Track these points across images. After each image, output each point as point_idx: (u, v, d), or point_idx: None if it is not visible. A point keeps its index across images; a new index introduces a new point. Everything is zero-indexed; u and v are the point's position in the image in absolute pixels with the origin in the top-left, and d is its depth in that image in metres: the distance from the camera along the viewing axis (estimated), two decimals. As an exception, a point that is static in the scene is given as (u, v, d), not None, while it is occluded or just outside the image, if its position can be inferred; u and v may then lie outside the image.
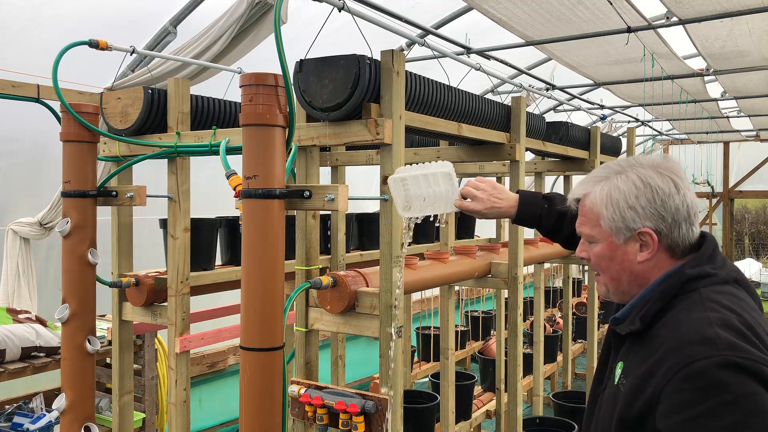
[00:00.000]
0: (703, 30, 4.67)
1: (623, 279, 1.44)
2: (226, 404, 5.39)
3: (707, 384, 1.19)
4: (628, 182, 1.41)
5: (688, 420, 1.19)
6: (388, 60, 2.18)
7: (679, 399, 1.21)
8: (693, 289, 1.35)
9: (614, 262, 1.44)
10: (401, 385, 2.20)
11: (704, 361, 1.20)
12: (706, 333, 1.24)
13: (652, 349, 1.30)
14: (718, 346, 1.21)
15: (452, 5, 5.04)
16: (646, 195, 1.39)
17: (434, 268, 2.84)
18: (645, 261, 1.41)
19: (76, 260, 2.72)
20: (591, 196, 1.45)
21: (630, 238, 1.41)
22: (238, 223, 3.15)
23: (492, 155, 3.25)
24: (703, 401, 1.18)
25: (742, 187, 11.42)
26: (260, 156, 1.99)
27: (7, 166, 4.08)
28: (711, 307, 1.29)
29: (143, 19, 4.08)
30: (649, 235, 1.39)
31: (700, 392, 1.19)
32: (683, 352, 1.23)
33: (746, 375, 1.18)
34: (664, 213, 1.39)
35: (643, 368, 1.30)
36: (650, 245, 1.40)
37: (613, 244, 1.43)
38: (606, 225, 1.42)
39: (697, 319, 1.28)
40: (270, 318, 1.99)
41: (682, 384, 1.21)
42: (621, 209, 1.40)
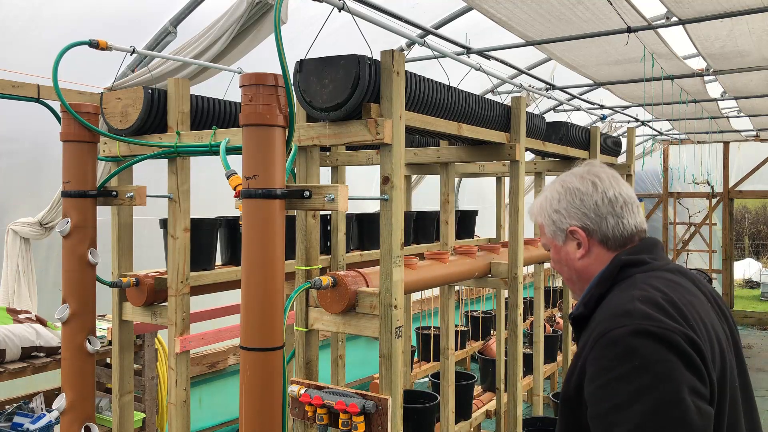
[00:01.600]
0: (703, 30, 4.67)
1: (573, 278, 1.59)
2: (226, 404, 5.39)
3: (620, 351, 1.27)
4: (552, 190, 1.59)
5: (602, 386, 1.28)
6: (388, 60, 2.18)
7: (596, 366, 1.31)
8: (629, 275, 1.46)
9: (562, 263, 1.60)
10: (401, 385, 2.20)
11: (619, 330, 1.29)
12: (626, 307, 1.34)
13: (589, 330, 1.42)
14: (633, 316, 1.31)
15: (452, 5, 5.04)
16: (566, 197, 1.55)
17: (434, 268, 2.84)
18: (583, 257, 1.55)
19: (76, 260, 2.72)
20: (531, 210, 1.65)
21: (566, 239, 1.57)
22: (238, 223, 3.15)
23: (492, 155, 3.25)
24: (616, 367, 1.27)
25: (742, 187, 11.42)
26: (260, 156, 1.99)
27: (7, 166, 4.07)
28: (640, 287, 1.40)
29: (143, 19, 4.07)
30: (578, 232, 1.54)
31: (614, 359, 1.28)
32: (603, 324, 1.34)
33: (657, 342, 1.26)
34: (586, 210, 1.53)
35: (578, 349, 1.43)
36: (583, 241, 1.54)
37: (557, 247, 1.60)
38: (547, 231, 1.60)
39: (623, 297, 1.39)
40: (270, 318, 1.99)
41: (600, 352, 1.31)
42: (549, 214, 1.58)
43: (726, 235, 11.59)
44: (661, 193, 12.07)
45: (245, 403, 1.99)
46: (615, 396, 1.25)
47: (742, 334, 10.45)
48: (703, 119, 8.54)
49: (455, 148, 3.39)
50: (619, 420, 1.23)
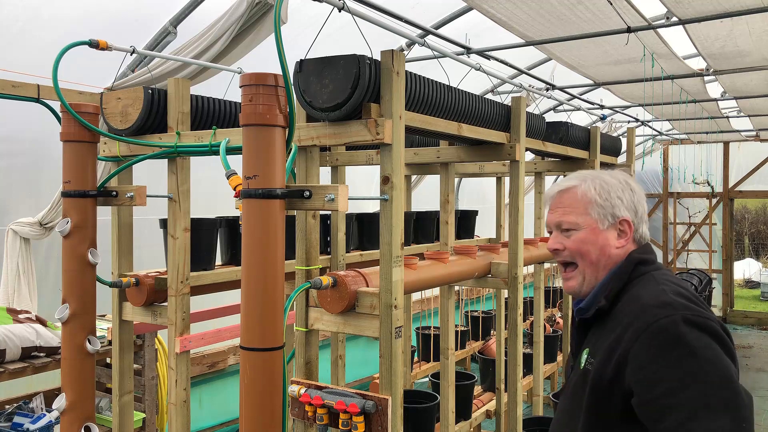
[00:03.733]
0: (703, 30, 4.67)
1: (601, 263, 1.63)
2: (226, 404, 5.39)
3: (669, 339, 1.37)
4: (612, 180, 1.66)
5: (655, 371, 1.36)
6: (388, 60, 2.18)
7: (646, 354, 1.38)
8: (645, 272, 1.58)
9: (596, 246, 1.62)
10: (401, 385, 2.20)
11: (665, 320, 1.39)
12: (664, 299, 1.45)
13: (616, 323, 1.49)
14: (676, 307, 1.41)
15: (452, 5, 5.04)
16: (626, 191, 1.65)
17: (434, 268, 2.84)
18: (620, 247, 1.63)
19: (76, 260, 2.72)
20: (582, 187, 1.65)
21: (611, 226, 1.63)
22: (238, 223, 3.15)
23: (492, 155, 3.25)
24: (666, 355, 1.36)
25: (742, 187, 11.42)
26: (260, 156, 1.99)
27: (7, 166, 4.07)
28: (664, 282, 1.53)
29: (143, 19, 4.07)
30: (628, 223, 1.63)
31: (664, 347, 1.37)
32: (646, 315, 1.43)
33: (700, 330, 1.37)
34: (637, 209, 1.65)
35: (608, 341, 1.48)
36: (627, 233, 1.63)
37: (596, 230, 1.63)
38: (595, 212, 1.63)
39: (654, 290, 1.50)
40: (270, 318, 1.99)
41: (649, 341, 1.39)
42: (612, 198, 1.63)
43: (726, 235, 11.58)
44: (661, 193, 12.07)
45: (245, 403, 1.99)
46: (668, 381, 1.33)
47: (742, 334, 10.45)
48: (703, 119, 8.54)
49: (455, 148, 3.39)
50: (673, 403, 1.32)
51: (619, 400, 1.43)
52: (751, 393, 1.39)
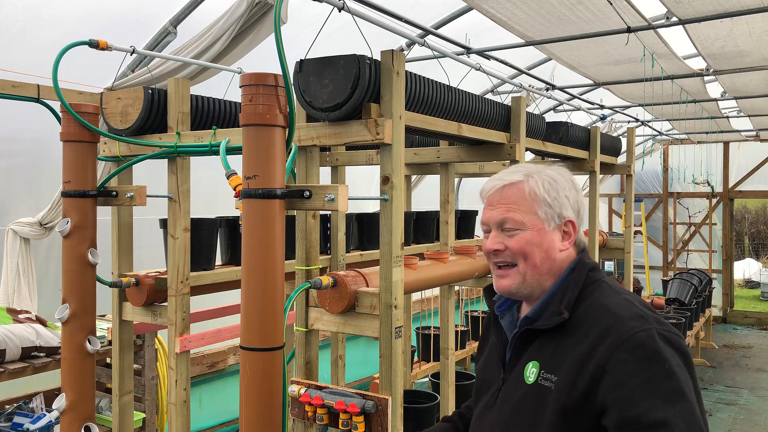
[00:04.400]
0: (702, 30, 4.67)
1: (544, 267, 1.49)
2: (226, 404, 5.39)
3: (648, 353, 1.29)
4: (559, 176, 1.52)
5: (637, 386, 1.27)
6: (388, 60, 2.18)
7: (626, 369, 1.28)
8: (596, 279, 1.48)
9: (541, 248, 1.48)
10: (401, 385, 2.20)
11: (641, 334, 1.31)
12: (635, 310, 1.37)
13: (581, 335, 1.37)
14: (648, 321, 1.34)
15: (452, 5, 5.04)
16: (572, 190, 1.53)
17: (434, 268, 2.84)
18: (564, 250, 1.51)
19: (76, 260, 2.72)
20: (529, 183, 1.50)
21: (557, 227, 1.50)
22: (238, 223, 3.15)
23: (492, 155, 3.25)
24: (647, 369, 1.28)
25: (742, 187, 11.42)
26: (260, 156, 1.99)
27: (7, 166, 4.07)
28: (621, 291, 1.45)
29: (143, 19, 4.07)
30: (572, 224, 1.51)
31: (644, 361, 1.28)
32: (621, 327, 1.33)
33: (672, 347, 1.31)
34: (579, 209, 1.53)
35: (576, 355, 1.35)
36: (571, 235, 1.51)
37: (543, 231, 1.49)
38: (542, 211, 1.49)
39: (620, 300, 1.41)
40: (270, 318, 1.99)
41: (626, 356, 1.29)
42: (560, 197, 1.49)
43: (726, 235, 11.58)
44: (661, 193, 12.07)
45: (245, 403, 1.99)
46: (650, 397, 1.25)
47: (742, 334, 10.45)
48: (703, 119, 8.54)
49: (455, 148, 3.39)
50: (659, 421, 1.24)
51: (589, 418, 1.31)
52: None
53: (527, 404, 1.41)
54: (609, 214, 12.41)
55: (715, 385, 7.43)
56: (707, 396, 6.97)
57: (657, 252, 12.13)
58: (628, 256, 5.35)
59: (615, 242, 5.43)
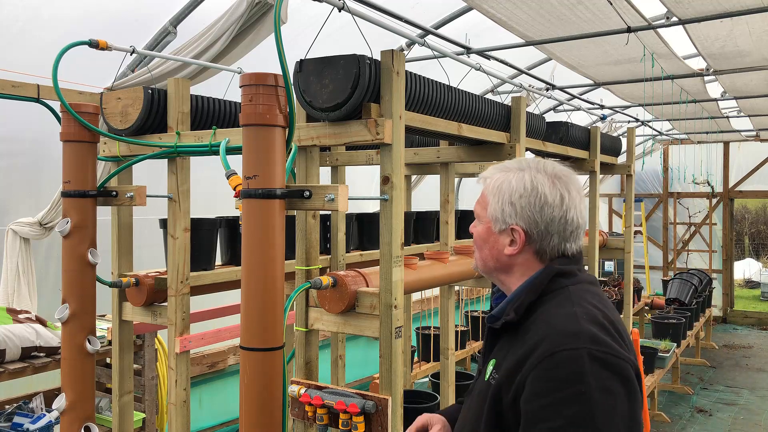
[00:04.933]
0: (703, 30, 4.67)
1: (490, 263, 1.53)
2: (226, 404, 5.39)
3: (566, 374, 1.24)
4: (520, 181, 1.48)
5: (544, 406, 1.24)
6: (388, 60, 2.18)
7: (539, 386, 1.26)
8: (562, 286, 1.43)
9: (487, 245, 1.53)
10: (401, 385, 2.20)
11: (566, 353, 1.26)
12: (572, 327, 1.30)
13: (523, 341, 1.36)
14: (581, 339, 1.27)
15: (452, 5, 5.04)
16: (529, 198, 1.45)
17: (434, 268, 2.84)
18: (512, 255, 1.49)
19: (76, 260, 2.72)
20: (489, 182, 1.53)
21: (504, 231, 1.49)
22: (238, 223, 3.15)
23: (492, 155, 3.25)
24: (559, 390, 1.24)
25: (742, 187, 11.42)
26: (260, 156, 1.99)
27: (7, 166, 4.07)
28: (578, 303, 1.37)
29: (143, 19, 4.07)
30: (518, 233, 1.47)
31: (558, 381, 1.24)
32: (549, 342, 1.29)
33: (604, 368, 1.25)
34: (539, 220, 1.45)
35: (513, 361, 1.35)
36: (517, 243, 1.48)
37: (490, 230, 1.52)
38: (489, 211, 1.51)
39: (565, 313, 1.35)
40: (270, 318, 1.99)
41: (543, 373, 1.26)
42: (503, 202, 1.48)
43: (726, 235, 11.58)
44: (661, 193, 12.07)
45: (245, 403, 1.99)
46: (552, 419, 1.23)
47: (742, 334, 10.45)
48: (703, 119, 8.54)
49: (455, 148, 3.39)
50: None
51: (514, 423, 1.32)
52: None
53: (477, 399, 1.47)
54: (609, 214, 12.41)
55: (715, 385, 7.43)
56: (707, 396, 6.98)
57: (657, 252, 12.13)
58: (628, 256, 5.35)
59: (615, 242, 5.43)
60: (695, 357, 8.37)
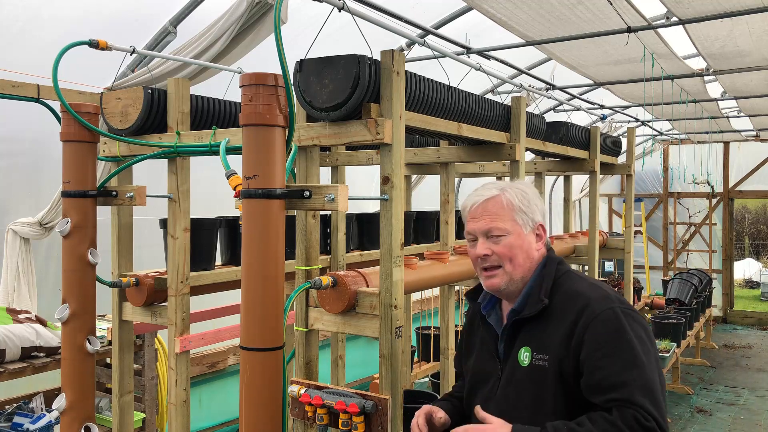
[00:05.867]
0: (703, 30, 4.67)
1: (525, 265, 1.80)
2: (226, 404, 5.39)
3: (614, 328, 1.63)
4: (527, 189, 1.85)
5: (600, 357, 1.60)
6: (388, 60, 2.18)
7: (595, 341, 1.62)
8: (565, 270, 1.82)
9: (522, 249, 1.79)
10: (401, 385, 2.20)
11: (606, 312, 1.65)
12: (600, 293, 1.71)
13: (562, 317, 1.70)
14: (613, 300, 1.69)
15: (452, 5, 5.04)
16: (538, 199, 1.85)
17: (434, 268, 2.84)
18: (539, 250, 1.83)
19: (76, 260, 2.72)
20: (506, 196, 1.81)
21: (531, 230, 1.82)
22: (238, 223, 3.15)
23: (492, 155, 3.25)
24: (612, 341, 1.61)
25: (742, 187, 11.42)
26: (260, 156, 1.99)
27: (7, 166, 4.07)
28: (586, 278, 1.80)
29: (143, 19, 4.07)
30: (542, 227, 1.84)
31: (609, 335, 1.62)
32: (591, 308, 1.66)
33: (632, 320, 1.66)
34: (544, 215, 1.87)
35: (562, 332, 1.68)
36: (542, 236, 1.84)
37: (522, 235, 1.80)
38: (519, 218, 1.80)
39: (587, 286, 1.75)
40: (270, 318, 1.99)
41: (597, 328, 1.63)
42: (531, 204, 1.81)
43: (726, 235, 11.58)
44: (661, 193, 12.07)
45: (245, 403, 1.99)
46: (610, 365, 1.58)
47: (742, 334, 10.45)
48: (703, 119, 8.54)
49: (455, 148, 3.39)
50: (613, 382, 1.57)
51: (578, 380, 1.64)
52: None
53: (527, 384, 1.70)
54: (609, 214, 12.41)
55: (715, 385, 7.42)
56: (707, 396, 6.98)
57: (657, 252, 12.13)
58: (628, 256, 5.35)
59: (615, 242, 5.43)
60: (695, 357, 8.37)
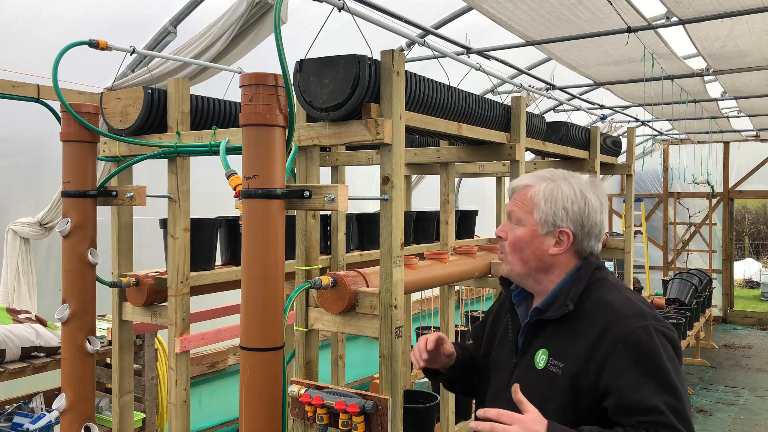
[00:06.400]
0: (703, 30, 4.67)
1: (531, 263, 1.71)
2: (226, 404, 5.39)
3: (644, 349, 1.50)
4: (569, 188, 1.69)
5: (633, 379, 1.48)
6: (388, 60, 2.18)
7: (624, 362, 1.50)
8: (601, 277, 1.68)
9: (530, 247, 1.70)
10: (401, 385, 2.20)
11: (640, 330, 1.52)
12: (634, 308, 1.57)
13: (586, 327, 1.59)
14: (647, 317, 1.55)
15: (452, 5, 5.04)
16: (579, 204, 1.68)
17: (434, 268, 2.84)
18: (556, 255, 1.69)
19: (76, 260, 2.72)
20: (535, 189, 1.71)
21: (550, 233, 1.69)
22: (238, 223, 3.15)
23: (492, 155, 3.24)
24: (643, 363, 1.49)
25: (742, 187, 11.42)
26: (260, 156, 1.99)
27: (7, 166, 4.07)
28: (623, 288, 1.67)
29: (143, 19, 4.07)
30: (567, 234, 1.68)
31: (640, 356, 1.50)
32: (623, 323, 1.54)
33: (666, 339, 1.53)
34: (585, 223, 1.69)
35: (584, 344, 1.56)
36: (564, 243, 1.69)
37: (535, 233, 1.69)
38: (537, 215, 1.69)
39: (621, 298, 1.61)
40: (270, 318, 1.99)
41: (626, 349, 1.51)
42: (557, 208, 1.68)
43: (726, 235, 11.58)
44: (661, 193, 12.07)
45: (245, 403, 1.99)
46: (646, 386, 1.46)
47: (742, 334, 10.45)
48: (703, 119, 8.54)
49: (455, 148, 3.39)
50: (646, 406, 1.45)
51: (592, 399, 1.53)
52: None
53: (537, 387, 1.61)
54: (609, 214, 12.41)
55: (715, 385, 7.42)
56: (707, 396, 6.97)
57: (657, 252, 12.13)
58: (628, 256, 5.34)
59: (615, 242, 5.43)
60: (695, 357, 8.37)
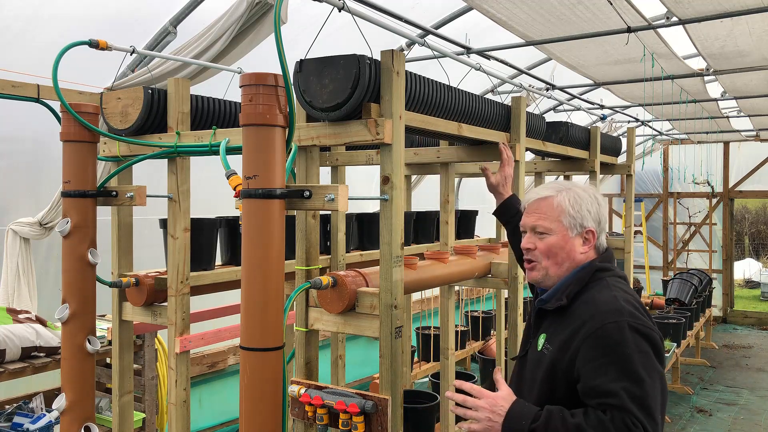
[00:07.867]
0: (703, 30, 4.67)
1: (565, 265, 1.89)
2: (226, 404, 5.39)
3: (613, 341, 1.67)
4: (584, 193, 1.92)
5: (601, 365, 1.66)
6: (388, 60, 2.18)
7: (593, 352, 1.69)
8: (600, 278, 1.86)
9: (564, 250, 1.89)
10: (401, 385, 2.20)
11: (612, 325, 1.69)
12: (614, 305, 1.74)
13: (573, 320, 1.78)
14: (623, 314, 1.71)
15: (452, 5, 5.04)
16: (594, 204, 1.92)
17: (434, 268, 2.84)
18: (584, 253, 1.90)
19: (76, 260, 2.72)
20: (558, 198, 1.91)
21: (578, 234, 1.90)
22: (238, 223, 3.15)
23: (492, 155, 3.24)
24: (610, 353, 1.66)
25: (742, 187, 11.42)
26: (260, 156, 1.99)
27: (7, 166, 4.07)
28: (616, 289, 1.81)
29: (143, 19, 4.07)
30: (592, 233, 1.91)
31: (607, 347, 1.67)
32: (597, 318, 1.72)
33: (639, 335, 1.68)
34: (600, 220, 1.94)
35: (566, 334, 1.77)
36: (590, 241, 1.91)
37: (566, 237, 1.89)
38: (566, 221, 1.89)
39: (607, 296, 1.78)
40: (270, 318, 1.99)
41: (596, 341, 1.69)
42: (582, 210, 1.89)
43: (726, 235, 11.58)
44: (661, 193, 12.07)
45: (245, 403, 1.99)
46: (607, 374, 1.64)
47: (742, 334, 10.45)
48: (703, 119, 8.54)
49: (455, 148, 3.39)
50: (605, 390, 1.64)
51: (567, 380, 1.74)
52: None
53: (533, 366, 1.87)
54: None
55: (715, 385, 7.42)
56: (707, 396, 6.98)
57: (657, 252, 12.13)
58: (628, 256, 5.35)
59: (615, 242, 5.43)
60: (695, 357, 8.37)
